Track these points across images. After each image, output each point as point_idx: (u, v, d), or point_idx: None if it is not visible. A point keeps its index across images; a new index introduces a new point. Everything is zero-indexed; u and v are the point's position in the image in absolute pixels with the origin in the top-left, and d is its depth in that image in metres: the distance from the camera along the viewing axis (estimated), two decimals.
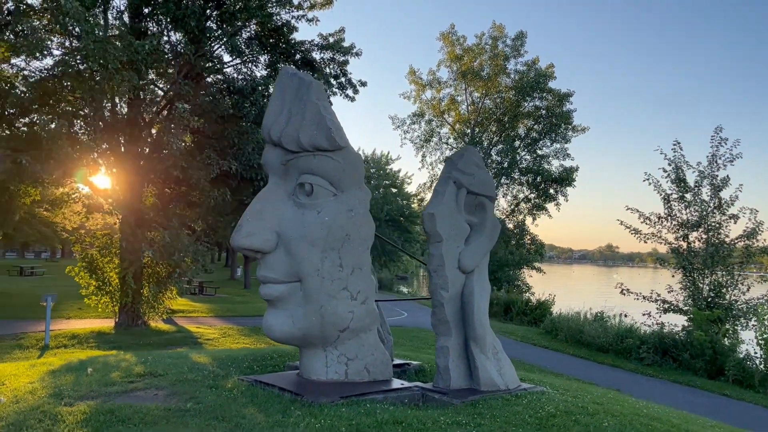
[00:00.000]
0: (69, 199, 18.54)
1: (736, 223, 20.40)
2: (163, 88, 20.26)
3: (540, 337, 23.98)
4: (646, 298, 21.09)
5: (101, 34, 16.54)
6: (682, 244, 21.03)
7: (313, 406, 5.68)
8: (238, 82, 20.78)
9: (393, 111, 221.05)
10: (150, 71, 19.13)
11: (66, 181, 17.91)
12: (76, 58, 16.19)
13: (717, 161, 20.76)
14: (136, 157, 18.79)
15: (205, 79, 20.34)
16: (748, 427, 10.83)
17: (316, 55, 21.30)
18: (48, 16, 16.88)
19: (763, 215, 20.61)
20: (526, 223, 43.26)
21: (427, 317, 7.29)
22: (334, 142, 6.08)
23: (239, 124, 20.10)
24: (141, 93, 18.41)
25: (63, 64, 16.54)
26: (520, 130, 42.64)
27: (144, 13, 19.24)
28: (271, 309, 6.40)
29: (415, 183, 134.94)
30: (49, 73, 17.75)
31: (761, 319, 17.78)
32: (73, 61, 16.36)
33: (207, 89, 18.88)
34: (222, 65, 21.25)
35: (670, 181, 21.35)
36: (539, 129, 41.56)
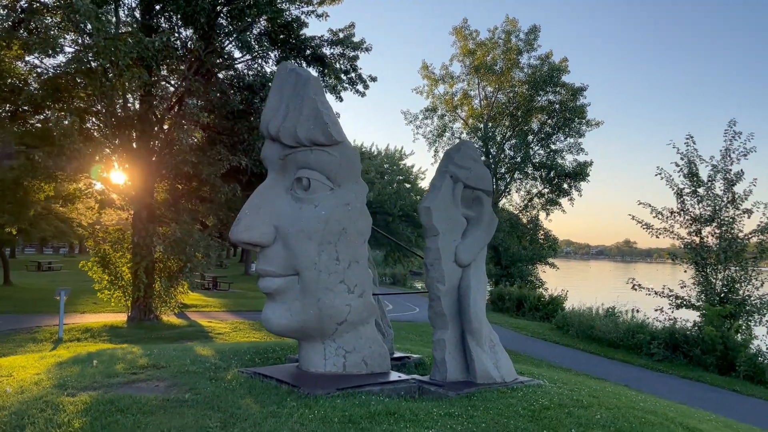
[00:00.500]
0: (81, 194, 18.79)
1: (749, 217, 20.23)
2: (174, 84, 20.44)
3: (551, 332, 23.94)
4: (657, 293, 20.96)
5: (113, 30, 16.74)
6: (695, 239, 20.86)
7: (308, 398, 5.75)
8: (248, 78, 20.91)
9: (406, 106, 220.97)
10: (161, 68, 19.34)
11: (79, 176, 18.16)
12: (88, 55, 16.41)
13: (730, 155, 20.57)
14: (147, 153, 19.00)
15: (216, 75, 20.50)
16: (757, 423, 10.75)
17: (326, 51, 21.35)
18: (60, 14, 17.13)
19: None
20: (539, 218, 43.06)
21: None
22: (331, 137, 6.14)
23: (249, 120, 20.22)
24: (152, 89, 18.58)
25: (76, 61, 16.77)
26: (533, 124, 42.33)
27: (155, 9, 19.43)
28: (270, 302, 6.49)
29: (428, 178, 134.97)
30: (62, 70, 18.01)
31: None
32: (86, 58, 16.59)
33: (217, 85, 19.00)
34: (233, 61, 21.38)
35: (682, 176, 21.18)
36: (553, 123, 41.23)
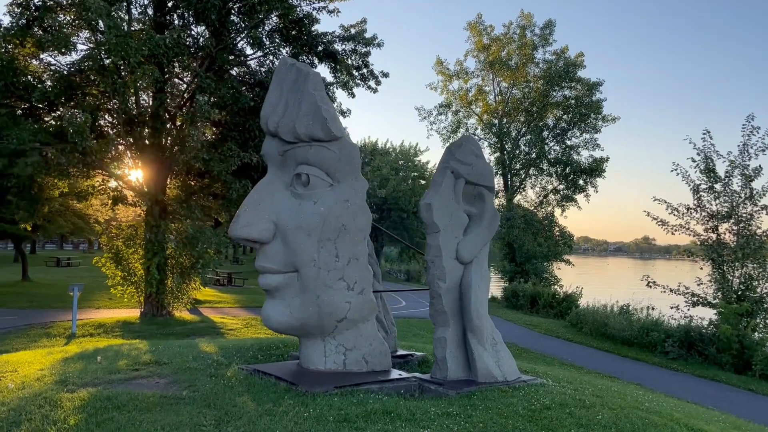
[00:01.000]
0: (94, 191, 18.97)
1: None
2: (186, 81, 20.52)
3: (564, 329, 23.73)
4: (673, 291, 20.64)
5: (125, 28, 16.82)
6: (712, 235, 20.51)
7: (306, 396, 5.70)
8: (260, 75, 20.92)
9: (419, 102, 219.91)
10: (174, 64, 19.40)
11: (92, 173, 18.32)
12: (101, 52, 16.51)
13: (748, 150, 20.19)
14: (159, 149, 19.10)
15: (228, 72, 20.53)
16: None
17: (338, 47, 21.32)
18: (73, 12, 17.25)
19: None
20: (554, 214, 42.71)
21: None
22: (330, 133, 6.08)
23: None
24: (164, 86, 18.65)
25: (89, 59, 16.89)
26: (548, 120, 42.00)
27: (167, 7, 19.50)
28: (270, 299, 6.45)
29: None
30: (76, 67, 18.15)
31: None
32: (98, 55, 16.70)
33: (229, 82, 19.03)
34: (245, 58, 21.40)
35: (699, 171, 20.83)
36: (568, 119, 40.85)
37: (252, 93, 20.28)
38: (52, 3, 17.53)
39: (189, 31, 19.56)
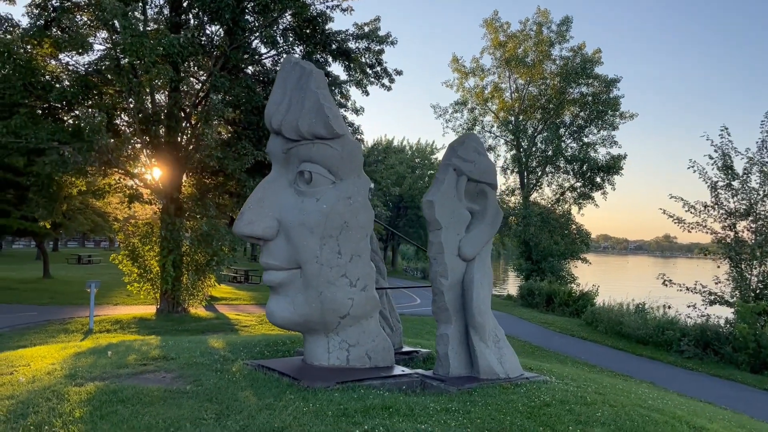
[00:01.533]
0: (111, 189, 19.26)
1: None
2: (201, 79, 20.71)
3: (580, 328, 23.59)
4: (690, 289, 20.43)
5: (140, 28, 17.03)
6: (729, 233, 20.27)
7: (307, 391, 5.76)
8: (274, 74, 21.05)
9: (435, 100, 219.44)
10: (189, 63, 19.61)
11: (109, 171, 18.59)
12: (117, 52, 16.74)
13: (767, 147, 19.90)
14: (175, 148, 19.32)
15: (242, 70, 20.69)
16: None
17: (352, 45, 21.39)
18: (90, 12, 17.50)
19: None
20: (571, 212, 42.35)
21: None
22: (332, 130, 6.13)
23: None
24: (179, 85, 18.86)
25: (106, 59, 17.13)
26: (565, 117, 41.60)
27: (182, 6, 19.70)
28: (274, 295, 6.53)
29: None
30: (93, 67, 18.42)
31: None
32: (114, 55, 16.93)
33: (243, 81, 19.19)
34: (258, 57, 21.55)
35: (716, 168, 20.58)
36: (585, 116, 40.41)
37: (266, 92, 20.41)
38: (69, 4, 17.82)
39: (203, 31, 19.75)
